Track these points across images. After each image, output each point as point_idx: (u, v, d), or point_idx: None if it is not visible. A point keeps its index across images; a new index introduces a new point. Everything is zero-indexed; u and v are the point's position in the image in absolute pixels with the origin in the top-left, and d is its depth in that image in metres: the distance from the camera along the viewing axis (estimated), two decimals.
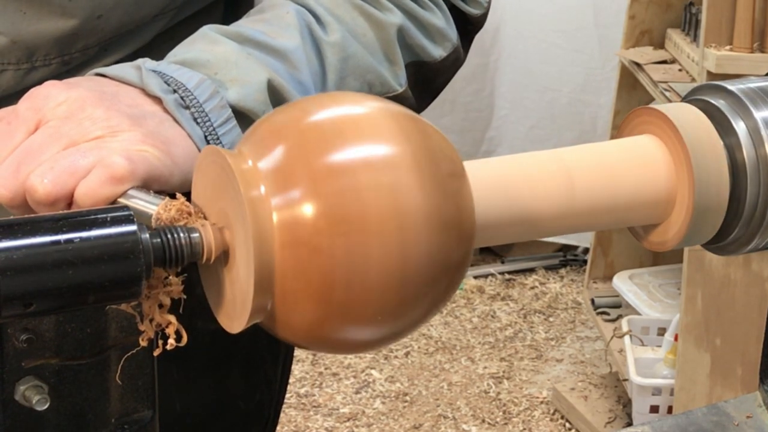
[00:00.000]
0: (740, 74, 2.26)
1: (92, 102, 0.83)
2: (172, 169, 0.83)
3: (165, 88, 0.86)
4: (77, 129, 0.81)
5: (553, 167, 0.74)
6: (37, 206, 0.80)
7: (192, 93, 0.87)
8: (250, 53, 0.91)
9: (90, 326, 0.74)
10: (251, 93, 0.89)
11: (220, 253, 0.70)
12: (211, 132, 0.87)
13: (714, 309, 2.42)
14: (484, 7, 1.10)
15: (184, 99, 0.86)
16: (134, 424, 0.77)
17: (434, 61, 1.04)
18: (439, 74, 1.06)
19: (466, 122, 3.73)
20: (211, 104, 0.87)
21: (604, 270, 3.13)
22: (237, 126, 0.88)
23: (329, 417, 2.97)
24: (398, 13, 1.00)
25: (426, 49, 1.03)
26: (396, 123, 0.68)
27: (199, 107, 0.86)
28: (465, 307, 3.54)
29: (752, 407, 0.97)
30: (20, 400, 0.72)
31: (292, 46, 0.93)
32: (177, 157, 0.84)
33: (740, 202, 0.75)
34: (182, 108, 0.86)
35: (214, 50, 0.90)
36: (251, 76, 0.89)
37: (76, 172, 0.79)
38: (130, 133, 0.82)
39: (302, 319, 0.67)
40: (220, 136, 0.87)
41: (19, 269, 0.64)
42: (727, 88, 0.76)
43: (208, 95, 0.87)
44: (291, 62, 0.92)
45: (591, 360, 3.24)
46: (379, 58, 0.99)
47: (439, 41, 1.04)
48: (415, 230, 0.66)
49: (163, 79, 0.87)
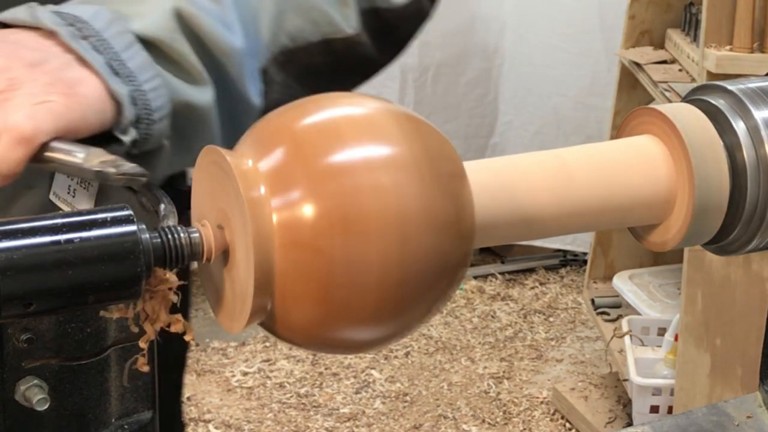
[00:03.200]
0: (740, 74, 2.26)
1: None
2: (85, 111, 0.81)
3: (59, 21, 0.83)
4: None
5: (553, 167, 0.74)
6: None
7: (88, 23, 0.84)
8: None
9: (90, 326, 0.74)
10: (155, 21, 0.86)
11: (220, 253, 0.70)
12: (115, 58, 0.83)
13: (714, 309, 2.42)
14: None
15: (81, 29, 0.83)
16: (134, 424, 0.77)
17: (393, 9, 1.01)
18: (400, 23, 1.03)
19: (470, 128, 3.71)
20: (110, 31, 0.84)
21: (604, 270, 3.13)
22: (143, 51, 0.85)
23: (329, 417, 2.97)
24: None
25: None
26: (396, 123, 0.68)
27: (98, 36, 0.83)
28: (465, 307, 3.54)
29: (752, 407, 0.97)
30: (20, 400, 0.72)
31: None
32: (86, 97, 0.81)
33: (740, 202, 0.75)
34: (80, 39, 0.83)
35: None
36: (155, 6, 0.87)
37: None
38: (31, 84, 0.80)
39: (302, 319, 0.67)
40: (124, 61, 0.84)
41: (19, 269, 0.64)
42: (727, 88, 0.76)
43: (106, 23, 0.84)
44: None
45: (591, 360, 3.24)
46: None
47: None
48: (415, 231, 0.66)
49: (59, 16, 0.84)
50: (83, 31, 0.83)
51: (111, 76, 0.83)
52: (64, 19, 0.84)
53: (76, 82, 0.82)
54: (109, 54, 0.83)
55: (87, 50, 0.83)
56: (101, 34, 0.84)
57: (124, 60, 0.84)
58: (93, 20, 0.84)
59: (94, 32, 0.84)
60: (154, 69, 0.85)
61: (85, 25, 0.84)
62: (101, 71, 0.82)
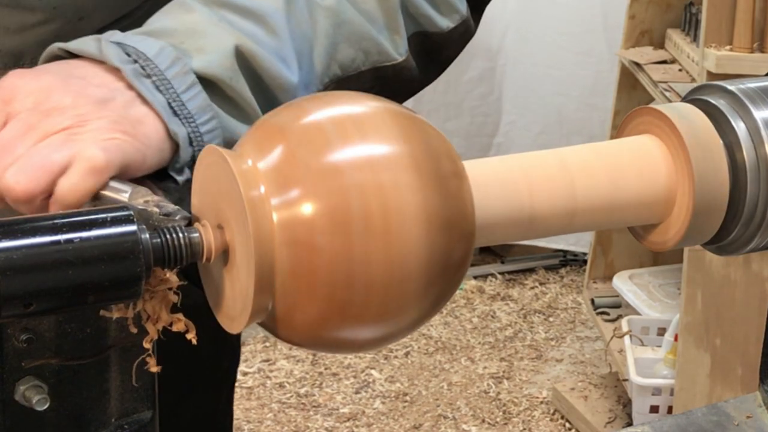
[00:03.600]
0: (740, 74, 2.26)
1: (59, 90, 0.82)
2: (145, 151, 0.82)
3: (125, 58, 0.85)
4: (46, 120, 0.81)
5: (553, 167, 0.74)
6: (14, 204, 0.80)
7: (152, 61, 0.85)
8: (223, 18, 0.89)
9: (90, 326, 0.74)
10: (216, 60, 0.87)
11: (220, 252, 0.70)
12: (175, 99, 0.85)
13: (714, 309, 2.42)
14: None
15: (145, 68, 0.85)
16: (134, 424, 0.77)
17: (440, 32, 1.01)
18: (446, 46, 1.03)
19: (472, 127, 3.70)
20: (173, 71, 0.85)
21: (604, 270, 3.13)
22: (203, 92, 0.86)
23: (329, 417, 2.97)
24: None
25: (432, 19, 1.00)
26: (395, 122, 0.68)
27: (160, 75, 0.85)
28: (465, 307, 3.54)
29: (752, 407, 0.97)
30: (20, 400, 0.72)
31: (271, 9, 0.90)
32: (147, 137, 0.83)
33: (740, 202, 0.75)
34: (143, 77, 0.84)
35: (183, 18, 0.88)
36: (217, 44, 0.87)
37: (50, 168, 0.79)
38: (99, 122, 0.81)
39: (303, 319, 0.67)
40: (185, 102, 0.85)
41: (19, 269, 0.64)
42: (727, 88, 0.76)
43: (170, 62, 0.85)
44: (269, 25, 0.90)
45: (591, 360, 3.24)
46: (379, 26, 0.96)
47: (447, 12, 1.01)
48: (415, 230, 0.66)
49: (124, 50, 0.85)
50: (147, 69, 0.85)
51: (170, 117, 0.84)
52: (129, 55, 0.85)
53: (138, 121, 0.83)
54: (169, 94, 0.85)
55: (149, 90, 0.84)
56: (164, 73, 0.85)
57: (184, 101, 0.85)
58: (157, 58, 0.85)
59: (157, 71, 0.85)
60: (212, 110, 0.86)
61: (148, 63, 0.85)
62: (161, 112, 0.84)
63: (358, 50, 0.95)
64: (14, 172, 0.79)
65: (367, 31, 0.95)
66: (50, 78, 0.83)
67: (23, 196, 0.79)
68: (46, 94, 0.82)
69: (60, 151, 0.80)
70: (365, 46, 0.95)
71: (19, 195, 0.79)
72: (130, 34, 0.87)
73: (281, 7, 0.91)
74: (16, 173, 0.79)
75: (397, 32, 0.97)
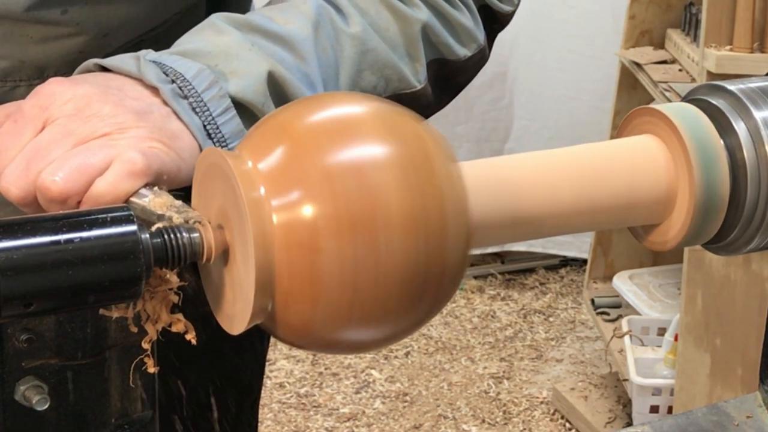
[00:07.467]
0: (740, 74, 2.26)
1: (99, 98, 0.83)
2: (179, 164, 0.83)
3: (163, 77, 0.86)
4: (85, 126, 0.81)
5: (553, 167, 0.74)
6: (48, 204, 0.80)
7: (190, 83, 0.86)
8: (255, 43, 0.90)
9: (90, 326, 0.74)
10: (251, 85, 0.88)
11: (220, 253, 0.70)
12: (210, 122, 0.86)
13: (714, 309, 2.42)
14: (514, 5, 1.09)
15: (182, 89, 0.86)
16: (134, 424, 0.77)
17: (458, 60, 1.03)
18: (461, 73, 1.05)
19: (483, 132, 3.67)
20: (209, 94, 0.86)
21: (604, 270, 3.13)
22: (237, 117, 0.87)
23: (329, 417, 2.97)
24: (425, 10, 0.99)
25: (451, 47, 1.01)
26: (395, 124, 0.68)
27: (197, 97, 0.86)
28: (465, 307, 3.54)
29: (752, 407, 0.97)
30: (20, 400, 0.72)
31: (300, 36, 0.92)
32: (182, 151, 0.84)
33: (740, 202, 0.75)
34: (180, 98, 0.85)
35: (216, 41, 0.89)
36: (251, 68, 0.89)
37: (87, 170, 0.79)
38: (137, 130, 0.82)
39: (303, 319, 0.67)
40: (219, 126, 0.86)
41: (19, 269, 0.64)
42: (727, 88, 0.76)
43: (207, 85, 0.86)
44: (298, 52, 0.91)
45: (591, 360, 3.24)
46: (401, 54, 0.98)
47: (466, 41, 1.03)
48: (414, 231, 0.66)
49: (162, 69, 0.86)
50: (184, 90, 0.86)
51: (205, 139, 0.85)
52: (167, 74, 0.86)
53: (175, 135, 0.84)
54: (205, 117, 0.86)
55: (185, 110, 0.85)
56: (201, 95, 0.86)
57: (219, 125, 0.86)
58: (195, 80, 0.86)
59: (194, 93, 0.86)
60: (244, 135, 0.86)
61: (186, 84, 0.86)
62: (196, 133, 0.85)
63: (380, 77, 0.97)
64: (51, 172, 0.79)
65: (390, 59, 0.97)
66: (88, 87, 0.84)
67: (59, 195, 0.79)
68: (85, 102, 0.82)
69: (97, 154, 0.80)
70: (387, 73, 0.97)
71: (54, 195, 0.79)
72: (165, 53, 0.88)
73: (310, 34, 0.92)
74: (53, 173, 0.79)
75: (417, 60, 0.99)
